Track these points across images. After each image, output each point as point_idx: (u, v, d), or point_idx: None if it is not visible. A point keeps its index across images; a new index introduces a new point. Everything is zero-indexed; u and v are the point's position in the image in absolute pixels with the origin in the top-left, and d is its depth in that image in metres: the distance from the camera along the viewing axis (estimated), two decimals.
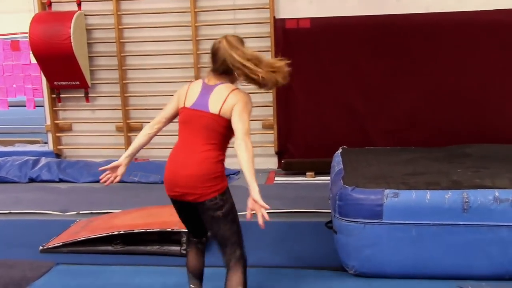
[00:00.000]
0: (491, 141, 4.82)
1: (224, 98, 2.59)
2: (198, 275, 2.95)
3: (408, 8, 5.80)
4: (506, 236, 3.09)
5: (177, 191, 2.72)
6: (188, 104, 2.69)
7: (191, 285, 2.94)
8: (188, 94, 2.72)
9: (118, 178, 2.90)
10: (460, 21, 5.63)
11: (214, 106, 2.60)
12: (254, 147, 3.24)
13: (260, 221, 2.52)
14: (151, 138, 2.99)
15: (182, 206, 2.81)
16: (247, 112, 2.61)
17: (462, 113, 5.70)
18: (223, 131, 2.62)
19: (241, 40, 2.68)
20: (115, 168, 2.89)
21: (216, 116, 2.59)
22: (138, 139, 2.94)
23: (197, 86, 2.73)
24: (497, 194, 3.11)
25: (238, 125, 2.56)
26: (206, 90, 2.66)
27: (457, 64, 5.69)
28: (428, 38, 5.70)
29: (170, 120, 2.92)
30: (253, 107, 2.79)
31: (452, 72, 5.70)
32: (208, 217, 2.69)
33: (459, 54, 5.67)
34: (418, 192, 3.19)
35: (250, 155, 2.58)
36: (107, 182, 2.88)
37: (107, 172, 2.88)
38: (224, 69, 2.64)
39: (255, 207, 2.57)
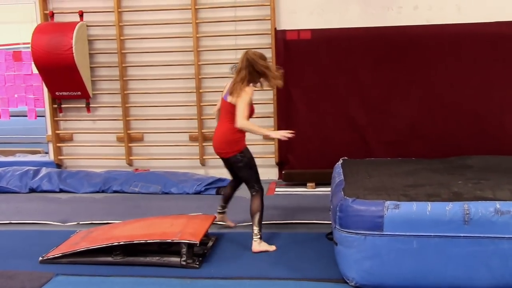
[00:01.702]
0: (491, 152, 4.82)
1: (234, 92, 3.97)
2: (226, 199, 4.52)
3: (408, 20, 5.83)
4: (507, 248, 3.08)
5: (215, 151, 4.20)
6: (222, 95, 4.14)
7: (220, 205, 4.52)
8: (224, 88, 4.16)
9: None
10: (461, 34, 5.65)
11: (229, 97, 4.01)
12: (255, 157, 4.33)
13: (284, 137, 4.02)
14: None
15: (223, 160, 4.20)
16: (244, 102, 3.91)
17: (463, 124, 5.70)
18: (230, 112, 3.98)
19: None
20: None
21: (228, 103, 4.01)
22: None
23: (228, 83, 4.12)
24: (498, 206, 3.10)
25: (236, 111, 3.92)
26: (230, 86, 4.05)
27: (458, 76, 5.70)
28: (429, 50, 5.71)
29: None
30: (254, 117, 4.17)
31: (452, 83, 5.71)
32: (234, 167, 4.15)
33: (459, 66, 5.69)
34: (419, 204, 3.18)
35: (247, 124, 3.93)
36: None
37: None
38: (245, 74, 3.98)
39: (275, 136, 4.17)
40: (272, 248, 4.02)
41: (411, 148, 5.67)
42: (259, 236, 3.99)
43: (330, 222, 3.88)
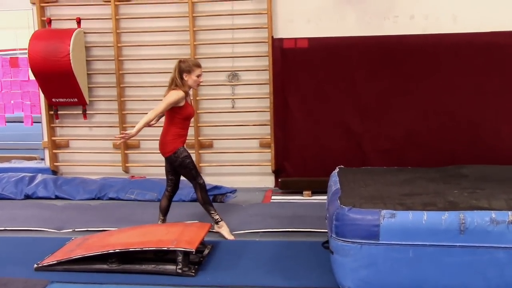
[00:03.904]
0: (487, 161, 4.84)
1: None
2: (165, 212, 4.66)
3: (405, 29, 5.86)
4: (502, 257, 3.09)
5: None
6: None
7: (160, 218, 4.63)
8: None
9: None
10: (457, 43, 5.68)
11: None
12: (251, 165, 4.94)
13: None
14: None
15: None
16: (163, 102, 4.37)
17: (459, 133, 5.72)
18: (167, 115, 4.48)
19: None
20: None
21: None
22: None
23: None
24: (493, 215, 3.11)
25: None
26: None
27: (454, 85, 5.72)
28: (425, 59, 5.74)
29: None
30: (250, 125, 4.91)
31: (448, 92, 5.73)
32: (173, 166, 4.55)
33: (455, 75, 5.72)
34: (415, 213, 3.19)
35: (144, 117, 4.37)
36: None
37: None
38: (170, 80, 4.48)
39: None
40: (231, 237, 4.46)
41: (407, 157, 5.68)
42: (219, 221, 4.50)
43: (326, 230, 3.87)
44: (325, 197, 4.25)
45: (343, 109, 5.92)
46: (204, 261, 3.96)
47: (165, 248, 3.77)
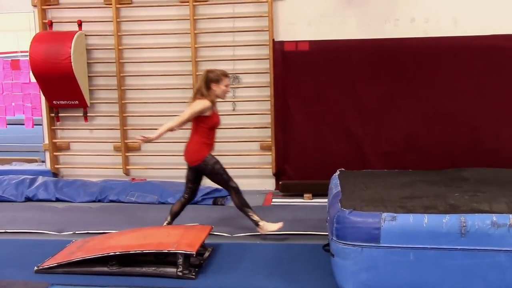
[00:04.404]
0: (488, 165, 4.83)
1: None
2: (174, 216, 4.61)
3: (406, 32, 5.87)
4: (503, 261, 3.07)
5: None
6: None
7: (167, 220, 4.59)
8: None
9: None
10: (457, 46, 5.69)
11: None
12: (252, 168, 5.08)
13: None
14: None
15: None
16: (189, 110, 4.35)
17: (459, 136, 5.73)
18: (193, 124, 4.45)
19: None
20: None
21: None
22: None
23: None
24: (494, 218, 3.10)
25: None
26: None
27: (454, 88, 5.73)
28: (426, 62, 5.75)
29: None
30: (251, 128, 5.02)
31: (449, 95, 5.73)
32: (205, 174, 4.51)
33: (456, 78, 5.72)
34: (416, 216, 3.18)
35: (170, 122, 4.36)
36: None
37: None
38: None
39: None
40: (279, 225, 4.41)
41: (408, 159, 5.68)
42: (259, 222, 4.41)
43: (327, 233, 3.87)
44: (326, 200, 4.25)
45: (343, 112, 5.92)
46: (204, 264, 3.95)
47: (166, 251, 3.76)
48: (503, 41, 5.63)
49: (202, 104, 4.28)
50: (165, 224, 4.59)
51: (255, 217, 4.43)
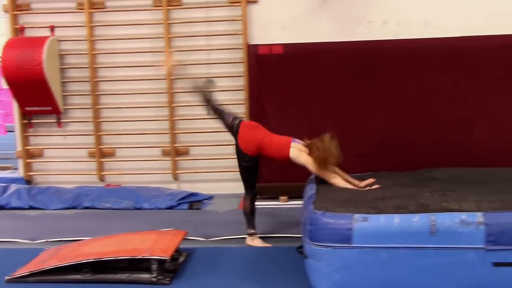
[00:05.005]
0: (460, 164, 4.90)
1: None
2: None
3: (378, 34, 5.94)
4: (473, 258, 3.12)
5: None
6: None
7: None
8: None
9: None
10: (429, 48, 5.77)
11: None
12: (227, 171, 5.14)
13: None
14: None
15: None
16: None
17: (432, 137, 5.79)
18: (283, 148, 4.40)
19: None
20: None
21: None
22: None
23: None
24: (463, 217, 3.15)
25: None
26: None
27: (427, 89, 5.80)
28: (398, 64, 5.81)
29: None
30: (226, 131, 4.60)
31: (421, 97, 5.80)
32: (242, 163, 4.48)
33: (428, 79, 5.79)
34: (387, 216, 3.22)
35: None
36: None
37: None
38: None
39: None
40: (265, 245, 4.41)
41: (382, 161, 5.72)
42: (253, 234, 4.45)
43: (301, 235, 3.89)
44: (301, 202, 4.26)
45: (318, 114, 5.95)
46: (179, 269, 3.93)
47: (140, 257, 3.73)
48: (473, 42, 5.72)
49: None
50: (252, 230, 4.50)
51: (253, 229, 4.47)
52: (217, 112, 4.58)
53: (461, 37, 5.75)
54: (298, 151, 4.27)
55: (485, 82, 5.74)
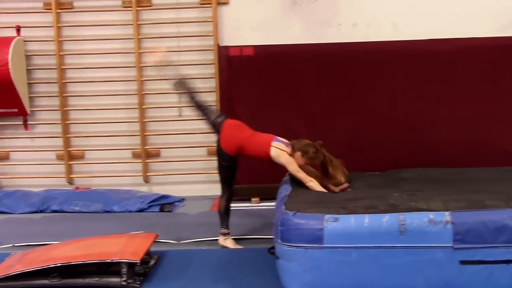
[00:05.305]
0: (426, 164, 4.98)
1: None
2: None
3: (348, 37, 5.99)
4: (441, 257, 3.18)
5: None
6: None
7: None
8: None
9: None
10: (396, 50, 5.84)
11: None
12: (199, 173, 5.20)
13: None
14: None
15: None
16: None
17: (399, 138, 5.86)
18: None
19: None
20: None
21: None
22: None
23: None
24: (431, 216, 3.20)
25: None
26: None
27: (394, 91, 5.87)
28: (367, 66, 5.87)
29: None
30: (198, 133, 5.12)
31: (389, 98, 5.87)
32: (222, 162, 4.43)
33: (395, 81, 5.87)
34: (357, 216, 3.26)
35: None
36: None
37: None
38: None
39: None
40: (237, 246, 4.41)
41: (352, 162, 5.71)
42: (226, 233, 4.44)
43: (272, 236, 3.89)
44: (273, 204, 4.27)
45: (289, 116, 5.97)
46: (149, 272, 3.89)
47: (109, 260, 3.68)
48: (439, 45, 5.82)
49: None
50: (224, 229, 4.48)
51: (226, 229, 4.44)
52: (201, 109, 4.55)
53: (428, 40, 5.85)
54: (279, 151, 4.23)
55: (451, 84, 5.85)
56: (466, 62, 5.82)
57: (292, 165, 4.16)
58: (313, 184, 4.07)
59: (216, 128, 4.45)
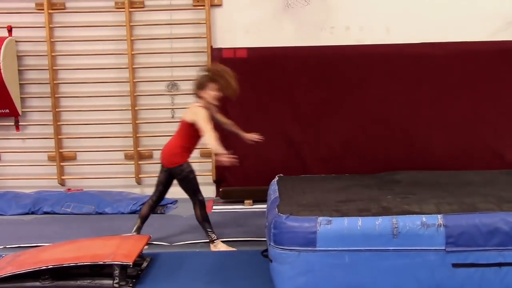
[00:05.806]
0: (419, 167, 5.02)
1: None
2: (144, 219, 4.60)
3: (341, 40, 6.02)
4: (433, 260, 3.20)
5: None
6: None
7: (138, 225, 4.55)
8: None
9: None
10: (389, 53, 5.88)
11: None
12: None
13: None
14: None
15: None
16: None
17: (393, 140, 5.90)
18: (184, 128, 4.40)
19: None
20: None
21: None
22: None
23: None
24: (424, 219, 3.22)
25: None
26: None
27: (387, 94, 5.91)
28: (360, 69, 5.91)
29: None
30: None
31: (382, 101, 5.91)
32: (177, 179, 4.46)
33: (388, 84, 5.91)
34: (350, 219, 3.26)
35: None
36: None
37: None
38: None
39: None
40: (231, 248, 4.38)
41: (345, 164, 5.80)
42: (214, 240, 4.40)
43: (266, 239, 3.89)
44: (266, 206, 4.27)
45: (282, 118, 5.99)
46: (142, 275, 3.87)
47: (101, 262, 3.66)
48: (432, 49, 5.87)
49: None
50: (134, 229, 4.50)
51: (213, 235, 4.43)
52: None
53: (420, 43, 5.89)
54: (191, 113, 4.29)
55: (443, 87, 5.90)
56: (458, 66, 5.87)
57: (203, 118, 4.24)
58: (211, 141, 4.18)
59: None
